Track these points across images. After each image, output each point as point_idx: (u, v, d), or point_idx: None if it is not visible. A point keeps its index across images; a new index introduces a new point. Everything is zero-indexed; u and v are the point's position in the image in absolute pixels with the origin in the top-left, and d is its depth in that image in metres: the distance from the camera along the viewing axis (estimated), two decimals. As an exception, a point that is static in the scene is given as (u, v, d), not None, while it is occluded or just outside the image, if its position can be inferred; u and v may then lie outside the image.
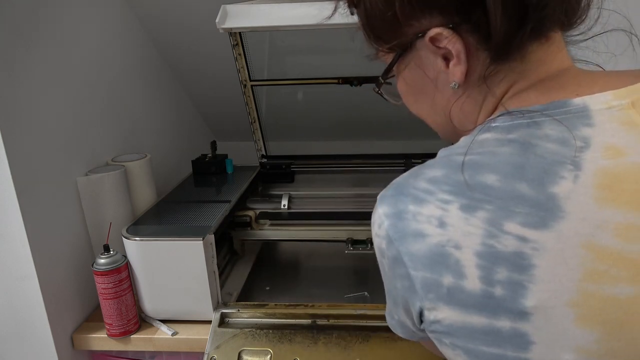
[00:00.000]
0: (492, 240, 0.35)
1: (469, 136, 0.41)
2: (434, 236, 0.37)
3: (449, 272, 0.36)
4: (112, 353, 0.95)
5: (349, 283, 1.07)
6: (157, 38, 1.29)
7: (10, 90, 0.79)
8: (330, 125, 1.43)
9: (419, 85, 0.47)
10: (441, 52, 0.42)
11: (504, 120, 0.40)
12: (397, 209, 0.40)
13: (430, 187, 0.39)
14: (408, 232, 0.38)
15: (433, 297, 0.38)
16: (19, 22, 0.82)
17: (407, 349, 0.82)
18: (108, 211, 0.98)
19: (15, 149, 0.79)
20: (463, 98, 0.44)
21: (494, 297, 0.35)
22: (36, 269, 0.83)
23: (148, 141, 1.26)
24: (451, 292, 0.37)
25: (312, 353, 0.83)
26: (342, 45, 1.25)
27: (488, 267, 0.35)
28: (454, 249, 0.36)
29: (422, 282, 0.38)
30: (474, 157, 0.38)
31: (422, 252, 0.38)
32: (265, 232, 1.12)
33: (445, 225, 0.37)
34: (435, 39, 0.41)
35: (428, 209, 0.38)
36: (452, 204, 0.37)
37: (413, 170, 0.42)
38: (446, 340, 0.39)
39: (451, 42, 0.40)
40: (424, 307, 0.39)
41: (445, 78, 0.44)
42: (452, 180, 0.38)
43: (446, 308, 0.37)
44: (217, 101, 1.51)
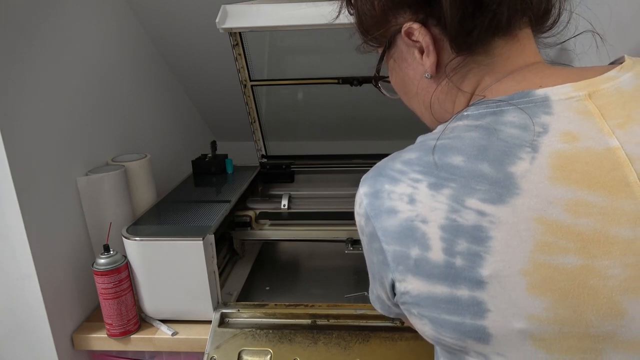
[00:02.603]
0: (455, 214, 0.38)
1: (443, 124, 0.45)
2: (404, 212, 0.40)
3: (416, 244, 0.39)
4: (112, 353, 0.95)
5: (349, 283, 1.07)
6: (157, 38, 1.29)
7: (10, 90, 0.79)
8: (330, 125, 1.43)
9: (404, 77, 0.51)
10: (417, 45, 0.47)
11: (474, 109, 0.43)
12: (374, 188, 0.43)
13: (404, 167, 0.42)
14: (382, 209, 0.41)
15: (402, 269, 0.41)
16: (18, 22, 0.82)
17: (407, 349, 0.82)
18: (108, 211, 0.98)
19: (15, 149, 0.79)
20: (439, 89, 0.49)
21: (454, 267, 0.38)
22: (36, 269, 0.83)
23: (148, 141, 1.26)
24: (418, 263, 0.39)
25: (312, 353, 0.83)
26: (342, 45, 1.25)
27: (450, 240, 0.38)
28: (421, 223, 0.39)
29: (392, 255, 0.41)
30: (445, 142, 0.41)
31: (393, 227, 0.41)
32: (265, 232, 1.12)
33: (415, 202, 0.40)
34: (409, 33, 0.46)
35: (400, 187, 0.41)
36: (421, 182, 0.40)
37: (392, 155, 0.45)
38: (414, 311, 0.42)
39: (421, 35, 0.45)
40: (395, 279, 0.42)
41: (422, 70, 0.48)
42: (424, 161, 0.41)
43: (414, 279, 0.40)
44: (217, 101, 1.51)
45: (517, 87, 0.43)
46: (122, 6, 1.16)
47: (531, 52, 0.46)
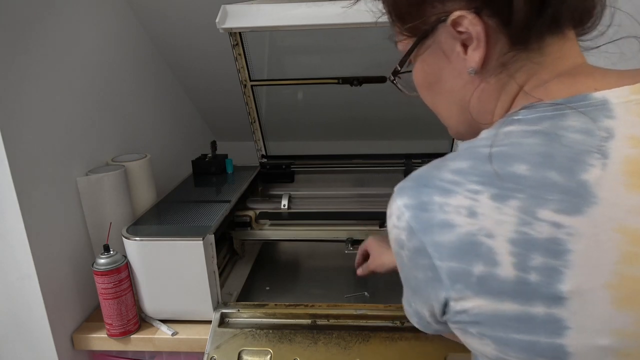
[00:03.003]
0: (526, 227, 0.36)
1: (491, 129, 0.42)
2: (463, 226, 0.37)
3: (480, 260, 0.37)
4: (112, 353, 0.95)
5: (349, 283, 1.07)
6: (157, 38, 1.29)
7: (10, 90, 0.79)
8: (330, 125, 1.43)
9: (437, 72, 0.47)
10: (461, 37, 0.43)
11: (528, 112, 0.41)
12: (419, 200, 0.40)
13: (456, 178, 0.39)
14: (434, 222, 0.39)
15: (461, 287, 0.38)
16: (18, 22, 0.82)
17: (407, 349, 0.82)
18: (108, 211, 0.98)
19: (15, 149, 0.79)
20: (482, 86, 0.45)
21: (528, 283, 0.36)
22: (36, 269, 0.83)
23: (148, 141, 1.26)
24: (482, 280, 0.37)
25: (312, 353, 0.83)
26: (342, 45, 1.25)
27: (522, 254, 0.36)
28: (486, 237, 0.37)
29: (448, 272, 0.38)
30: (501, 149, 0.39)
31: (449, 242, 0.38)
32: (265, 232, 1.12)
33: (476, 215, 0.37)
34: (457, 23, 0.42)
35: (456, 199, 0.38)
36: (482, 194, 0.38)
37: (433, 163, 0.42)
38: (472, 330, 0.39)
39: (472, 26, 0.41)
40: (449, 297, 0.39)
41: (463, 65, 0.44)
42: (480, 171, 0.39)
43: (475, 297, 0.38)
44: (217, 101, 1.51)
45: (570, 89, 0.41)
46: (122, 6, 1.16)
47: (578, 53, 0.44)
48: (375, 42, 1.22)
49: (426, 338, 0.83)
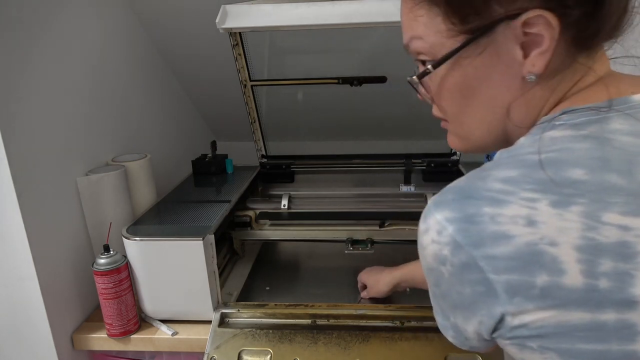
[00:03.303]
0: (592, 232, 0.35)
1: (529, 136, 0.41)
2: (522, 236, 0.36)
3: (544, 270, 0.35)
4: (112, 353, 0.95)
5: (349, 283, 1.07)
6: (157, 38, 1.29)
7: (10, 90, 0.79)
8: (330, 125, 1.43)
9: (482, 76, 0.44)
10: (525, 39, 0.40)
11: (570, 117, 0.40)
12: (464, 212, 0.38)
13: (507, 187, 0.38)
14: (485, 235, 0.37)
15: (520, 300, 0.36)
16: (19, 22, 0.82)
17: (407, 349, 0.82)
18: (108, 211, 0.98)
19: (15, 149, 0.79)
20: (532, 91, 0.43)
21: (598, 290, 0.35)
22: (36, 269, 0.83)
23: (148, 141, 1.26)
24: (546, 291, 0.36)
25: (312, 353, 0.83)
26: (342, 45, 1.25)
27: (590, 260, 0.35)
28: (549, 246, 0.35)
29: (505, 285, 0.37)
30: (550, 155, 0.38)
31: (506, 254, 0.36)
32: (265, 232, 1.12)
33: (536, 224, 0.36)
34: (530, 23, 0.39)
35: (511, 209, 0.37)
36: (539, 201, 0.36)
37: (472, 175, 0.41)
38: (532, 345, 0.37)
39: (548, 28, 0.39)
40: (506, 312, 0.37)
41: (518, 69, 0.42)
42: (533, 178, 0.37)
43: (537, 309, 0.36)
44: (217, 101, 1.51)
45: (607, 92, 0.41)
46: (123, 7, 1.16)
47: (607, 58, 0.44)
48: (375, 42, 1.22)
49: (426, 338, 0.83)
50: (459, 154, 1.30)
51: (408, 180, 1.30)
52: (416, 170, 1.31)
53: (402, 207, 1.18)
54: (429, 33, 0.44)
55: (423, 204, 1.18)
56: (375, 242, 1.11)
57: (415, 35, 0.45)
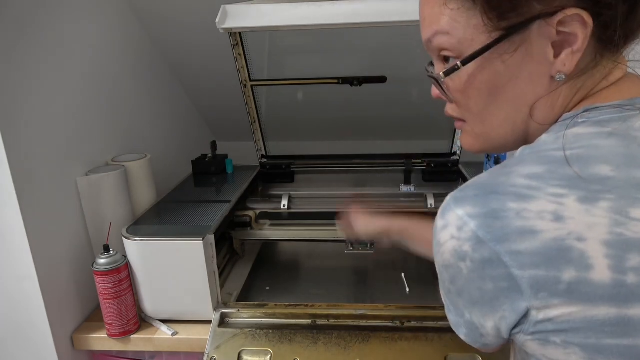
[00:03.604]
0: (620, 228, 0.35)
1: (551, 133, 0.42)
2: (549, 231, 0.36)
3: (571, 266, 0.36)
4: (112, 353, 0.95)
5: (349, 283, 1.07)
6: (157, 38, 1.29)
7: (10, 90, 0.79)
8: (330, 125, 1.43)
9: (512, 74, 0.43)
10: (557, 38, 0.40)
11: (593, 115, 0.40)
12: (488, 208, 0.38)
13: (533, 183, 0.38)
14: (510, 230, 0.37)
15: (546, 295, 0.37)
16: (18, 21, 0.82)
17: (407, 349, 0.82)
18: (108, 211, 0.98)
19: (15, 149, 0.79)
20: (559, 90, 0.43)
21: (626, 285, 0.35)
22: (36, 269, 0.83)
23: (148, 141, 1.26)
24: (573, 286, 0.36)
25: (312, 353, 0.83)
26: (342, 45, 1.25)
27: (618, 256, 0.35)
28: (577, 241, 0.36)
29: (531, 280, 0.37)
30: (576, 152, 0.39)
31: (532, 250, 0.36)
32: (265, 232, 1.12)
33: (563, 219, 0.36)
34: (564, 22, 0.39)
35: (537, 204, 0.37)
36: (567, 197, 0.37)
37: (496, 171, 0.41)
38: (557, 339, 0.38)
39: (582, 28, 0.39)
40: (531, 307, 0.38)
41: (547, 68, 0.42)
42: (560, 174, 0.38)
43: (563, 304, 0.36)
44: (217, 101, 1.51)
45: (628, 91, 0.41)
46: (123, 6, 1.16)
47: (624, 59, 0.44)
48: (375, 42, 1.22)
49: (426, 338, 0.83)
50: (459, 154, 1.30)
51: (408, 180, 1.30)
52: (416, 170, 1.31)
53: (402, 207, 1.18)
54: (458, 28, 0.43)
55: (423, 204, 1.18)
56: (375, 242, 1.11)
57: (441, 30, 0.44)
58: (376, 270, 1.12)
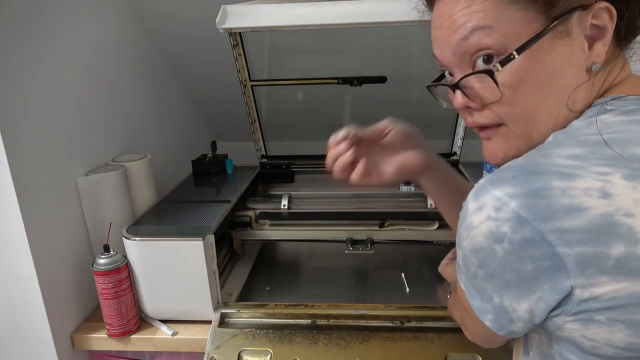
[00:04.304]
0: None
1: (583, 119, 0.44)
2: (597, 207, 0.37)
3: (620, 241, 0.36)
4: (112, 353, 0.95)
5: (349, 283, 1.07)
6: (157, 38, 1.29)
7: (10, 90, 0.79)
8: (330, 125, 1.43)
9: (558, 65, 0.43)
10: (590, 31, 0.43)
11: (619, 104, 0.43)
12: (530, 187, 0.38)
13: (577, 162, 0.39)
14: (556, 208, 0.37)
15: (593, 271, 0.37)
16: (18, 22, 0.82)
17: (407, 349, 0.82)
18: (108, 211, 0.98)
19: (15, 149, 0.79)
20: (591, 81, 0.45)
21: None
22: (36, 269, 0.83)
23: (148, 141, 1.26)
24: (622, 262, 0.36)
25: (312, 353, 0.83)
26: (342, 45, 1.25)
27: None
28: (625, 217, 0.36)
29: (577, 258, 0.37)
30: (612, 135, 0.40)
31: (580, 226, 0.37)
32: (265, 232, 1.12)
33: (611, 196, 0.37)
34: (597, 15, 0.42)
35: (583, 182, 0.38)
36: (612, 175, 0.38)
37: (533, 154, 0.42)
38: (601, 317, 0.38)
39: (611, 20, 0.42)
40: (576, 285, 0.38)
41: (584, 60, 0.44)
42: (601, 154, 0.39)
43: (611, 280, 0.37)
44: (217, 101, 1.51)
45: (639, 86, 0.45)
46: (123, 6, 1.16)
47: None
48: (375, 42, 1.22)
49: (426, 338, 0.83)
50: (459, 154, 1.30)
51: (408, 180, 1.30)
52: (416, 170, 1.30)
53: (402, 207, 1.18)
54: (502, 22, 0.43)
55: (423, 204, 1.18)
56: (375, 242, 1.11)
57: (481, 25, 0.43)
58: (376, 270, 1.12)
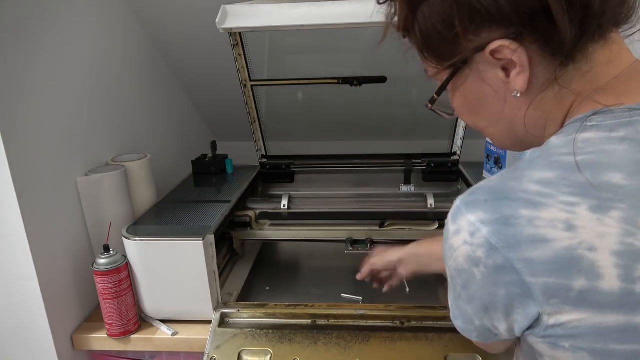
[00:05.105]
0: (631, 238, 0.35)
1: (561, 136, 0.42)
2: (560, 240, 0.36)
3: (582, 275, 0.36)
4: (112, 353, 0.95)
5: (348, 283, 1.07)
6: (157, 38, 1.29)
7: (10, 90, 0.79)
8: (330, 125, 1.43)
9: (479, 98, 0.47)
10: (501, 63, 0.43)
11: (603, 118, 0.40)
12: (500, 214, 0.38)
13: (545, 190, 0.38)
14: (523, 238, 0.37)
15: (557, 301, 0.37)
16: (18, 22, 0.82)
17: (407, 349, 0.82)
18: (108, 211, 0.98)
19: (15, 149, 0.79)
20: (535, 103, 0.45)
21: (634, 294, 0.35)
22: (36, 269, 0.83)
23: (148, 141, 1.26)
24: (583, 295, 0.36)
25: (312, 353, 0.83)
26: (342, 45, 1.25)
27: (628, 266, 0.35)
28: (588, 251, 0.36)
29: (543, 287, 0.37)
30: (587, 157, 0.38)
31: (544, 258, 0.37)
32: (265, 232, 1.12)
33: (575, 228, 0.36)
34: (497, 51, 0.42)
35: (549, 212, 0.37)
36: (579, 205, 0.37)
37: (506, 175, 0.41)
38: (565, 344, 0.38)
39: (514, 53, 0.41)
40: (543, 312, 0.38)
41: (507, 88, 0.45)
42: (571, 181, 0.38)
43: (574, 311, 0.37)
44: (217, 101, 1.51)
45: (639, 93, 0.41)
46: (123, 6, 1.16)
47: (627, 52, 0.44)
48: (375, 42, 1.22)
49: (426, 338, 0.83)
50: (459, 153, 1.30)
51: (408, 180, 1.30)
52: (416, 170, 1.31)
53: (402, 207, 1.18)
54: (428, 67, 0.49)
55: (423, 204, 1.18)
56: (375, 242, 1.11)
57: (425, 67, 0.50)
58: (376, 270, 1.12)
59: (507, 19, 0.40)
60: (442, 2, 0.42)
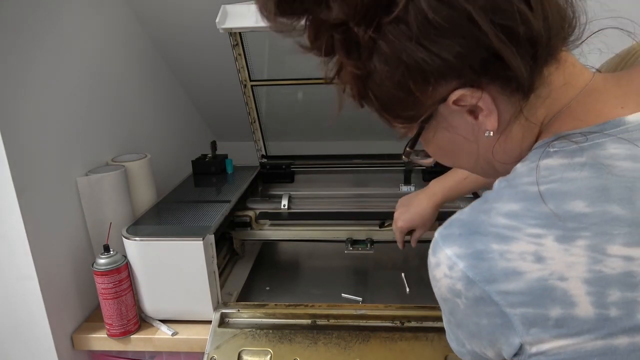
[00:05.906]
0: (599, 265, 0.36)
1: (526, 163, 0.42)
2: (532, 272, 0.37)
3: (556, 304, 0.36)
4: (112, 353, 0.95)
5: (348, 283, 1.07)
6: (157, 38, 1.29)
7: (10, 90, 0.79)
8: (330, 125, 1.43)
9: (452, 143, 0.48)
10: (466, 108, 0.43)
11: (563, 144, 0.40)
12: (473, 249, 0.39)
13: (512, 223, 0.39)
14: (496, 271, 0.38)
15: (537, 331, 0.37)
16: (18, 22, 0.82)
17: (407, 349, 0.82)
18: (108, 211, 0.98)
19: (15, 149, 0.79)
20: (502, 138, 0.46)
21: (609, 319, 0.36)
22: (36, 269, 0.83)
23: (148, 141, 1.26)
24: (560, 323, 0.37)
25: (312, 353, 0.83)
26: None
27: (599, 292, 0.36)
28: (559, 281, 0.36)
29: (522, 318, 0.38)
30: (550, 186, 0.39)
31: (519, 290, 0.37)
32: (265, 232, 1.12)
33: (544, 260, 0.37)
34: (459, 100, 0.42)
35: (518, 245, 0.38)
36: (545, 237, 0.37)
37: (476, 207, 0.42)
38: None
39: (476, 98, 0.42)
40: (524, 342, 0.38)
41: (477, 129, 0.45)
42: (536, 213, 0.38)
43: (553, 339, 0.37)
44: (217, 101, 1.51)
45: (597, 114, 0.41)
46: (123, 7, 1.16)
47: (581, 69, 0.44)
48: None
49: (426, 338, 0.83)
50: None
51: (408, 180, 1.30)
52: (416, 170, 1.31)
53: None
54: (395, 127, 0.50)
55: (423, 204, 1.18)
56: (375, 242, 1.11)
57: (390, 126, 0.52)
58: (376, 270, 1.12)
59: (461, 72, 0.41)
60: (391, 70, 0.42)
